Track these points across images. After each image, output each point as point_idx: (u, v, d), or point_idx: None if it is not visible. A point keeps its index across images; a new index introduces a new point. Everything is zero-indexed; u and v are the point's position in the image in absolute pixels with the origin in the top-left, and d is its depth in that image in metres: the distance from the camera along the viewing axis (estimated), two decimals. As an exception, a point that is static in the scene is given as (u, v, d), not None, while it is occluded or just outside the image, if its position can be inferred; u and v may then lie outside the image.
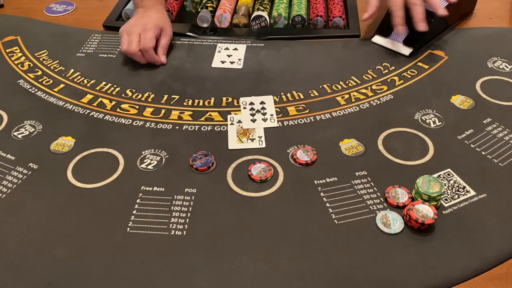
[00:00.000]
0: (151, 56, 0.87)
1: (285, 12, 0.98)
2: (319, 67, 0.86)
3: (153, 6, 0.92)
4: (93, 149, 0.70)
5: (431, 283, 0.52)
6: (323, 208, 0.60)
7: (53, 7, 1.07)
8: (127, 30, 0.88)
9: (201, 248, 0.56)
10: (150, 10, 0.91)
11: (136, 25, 0.88)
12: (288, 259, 0.55)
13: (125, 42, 0.86)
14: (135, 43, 0.85)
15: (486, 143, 0.69)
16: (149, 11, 0.90)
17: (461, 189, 0.62)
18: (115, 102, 0.79)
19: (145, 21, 0.88)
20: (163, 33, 0.89)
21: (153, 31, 0.87)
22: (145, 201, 0.62)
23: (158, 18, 0.90)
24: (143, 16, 0.89)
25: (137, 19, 0.90)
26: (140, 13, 0.90)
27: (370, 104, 0.77)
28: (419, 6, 0.83)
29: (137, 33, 0.86)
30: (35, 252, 0.56)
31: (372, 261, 0.54)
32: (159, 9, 0.93)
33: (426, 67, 0.85)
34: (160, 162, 0.67)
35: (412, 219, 0.56)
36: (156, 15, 0.90)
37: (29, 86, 0.83)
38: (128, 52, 0.86)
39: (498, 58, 0.86)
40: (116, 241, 0.57)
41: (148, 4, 0.92)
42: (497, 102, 0.77)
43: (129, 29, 0.88)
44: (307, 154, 0.67)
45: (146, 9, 0.91)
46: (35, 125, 0.75)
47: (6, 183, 0.65)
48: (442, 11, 0.83)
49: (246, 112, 0.76)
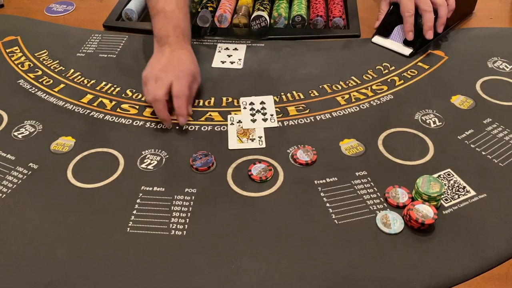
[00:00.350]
0: (183, 104, 0.72)
1: (285, 12, 0.98)
2: (319, 67, 0.86)
3: (182, 46, 0.78)
4: (93, 149, 0.70)
5: (431, 283, 0.52)
6: (323, 208, 0.60)
7: (53, 7, 1.07)
8: (154, 76, 0.73)
9: (201, 248, 0.56)
10: (179, 52, 0.77)
11: (165, 70, 0.74)
12: (288, 259, 0.55)
13: (154, 89, 0.72)
14: (165, 89, 0.71)
15: (486, 143, 0.69)
16: (178, 53, 0.77)
17: (461, 189, 0.62)
18: (115, 102, 0.79)
19: (176, 65, 0.75)
20: (194, 80, 0.77)
21: (187, 80, 0.74)
22: (145, 201, 0.62)
23: (190, 63, 0.77)
24: (171, 58, 0.76)
25: (165, 62, 0.75)
26: (167, 54, 0.76)
27: (370, 104, 0.77)
28: (430, 14, 0.84)
29: (168, 80, 0.72)
30: (35, 252, 0.56)
31: (372, 261, 0.54)
32: (189, 51, 0.79)
33: (426, 67, 0.85)
34: (160, 162, 0.68)
35: (412, 219, 0.56)
36: (187, 59, 0.77)
37: (29, 86, 0.83)
38: (155, 98, 0.71)
39: (498, 58, 0.86)
40: (116, 241, 0.57)
41: (175, 42, 0.77)
42: (497, 102, 0.77)
43: (156, 74, 0.73)
44: (307, 154, 0.67)
45: (174, 49, 0.77)
46: (35, 125, 0.75)
47: (6, 183, 0.65)
48: (430, 35, 0.85)
49: (246, 112, 0.76)
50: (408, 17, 0.86)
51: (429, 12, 0.84)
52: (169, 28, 0.77)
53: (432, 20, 0.85)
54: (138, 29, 0.98)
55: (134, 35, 0.96)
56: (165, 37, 0.77)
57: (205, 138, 0.72)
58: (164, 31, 0.77)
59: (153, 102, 0.72)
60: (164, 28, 0.78)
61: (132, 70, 0.87)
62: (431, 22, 0.85)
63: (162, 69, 0.74)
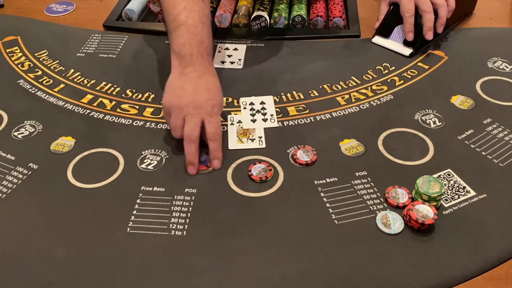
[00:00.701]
0: (219, 147, 0.66)
1: (285, 12, 0.98)
2: (319, 67, 0.86)
3: (208, 69, 0.70)
4: (93, 149, 0.70)
5: (431, 283, 0.52)
6: (323, 208, 0.60)
7: (53, 7, 1.07)
8: (181, 108, 0.65)
9: (201, 248, 0.56)
10: (207, 78, 0.69)
11: (196, 106, 0.65)
12: (288, 259, 0.55)
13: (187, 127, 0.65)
14: (199, 129, 0.65)
15: (486, 143, 0.69)
16: (205, 79, 0.69)
17: (461, 189, 0.62)
18: (115, 102, 0.79)
19: (206, 98, 0.67)
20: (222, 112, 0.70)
21: (219, 117, 0.67)
22: (145, 201, 0.62)
23: (218, 93, 0.69)
24: (199, 87, 0.67)
25: (192, 91, 0.67)
26: (194, 80, 0.68)
27: (370, 104, 0.77)
28: (430, 14, 0.85)
29: (200, 118, 0.65)
30: (35, 252, 0.56)
31: (372, 261, 0.54)
32: (215, 76, 0.71)
33: (426, 67, 0.85)
34: (160, 162, 0.67)
35: (412, 220, 0.56)
36: (215, 88, 0.70)
37: (29, 86, 0.83)
38: (190, 139, 0.65)
39: (498, 58, 0.86)
40: (116, 241, 0.57)
41: (199, 63, 0.69)
42: (497, 102, 0.77)
43: (185, 108, 0.65)
44: (307, 154, 0.67)
45: (200, 73, 0.68)
46: (35, 125, 0.75)
47: (6, 183, 0.65)
48: (429, 36, 0.85)
49: (246, 112, 0.76)
50: (408, 18, 0.86)
51: (429, 13, 0.84)
52: (192, 46, 0.69)
53: (432, 21, 0.85)
54: (138, 29, 0.98)
55: (134, 35, 0.96)
56: (189, 56, 0.68)
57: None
58: (188, 49, 0.68)
59: (187, 143, 0.65)
60: (187, 45, 0.69)
61: (132, 70, 0.87)
62: (431, 22, 0.85)
63: (193, 104, 0.66)
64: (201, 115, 0.65)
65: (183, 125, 0.65)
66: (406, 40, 0.88)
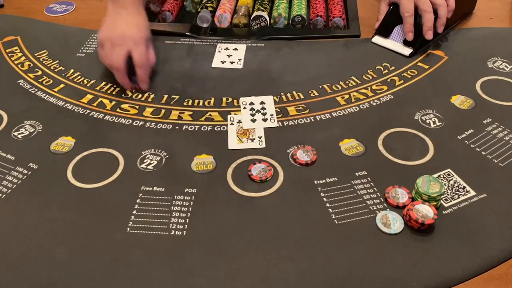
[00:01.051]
0: (145, 73, 0.79)
1: (285, 12, 0.98)
2: (319, 67, 0.86)
3: (138, 10, 0.81)
4: (93, 149, 0.70)
5: (431, 283, 0.52)
6: (323, 208, 0.60)
7: (53, 7, 1.08)
8: (111, 40, 0.77)
9: (201, 248, 0.56)
10: (136, 17, 0.80)
11: (123, 37, 0.77)
12: (288, 259, 0.55)
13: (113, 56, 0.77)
14: (124, 57, 0.77)
15: (486, 143, 0.69)
16: (135, 18, 0.80)
17: (461, 189, 0.62)
18: (115, 102, 0.79)
19: (134, 32, 0.78)
20: (149, 46, 0.81)
21: (145, 48, 0.78)
22: (145, 201, 0.62)
23: (146, 29, 0.80)
24: (129, 24, 0.78)
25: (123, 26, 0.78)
26: (124, 18, 0.79)
27: (370, 104, 0.77)
28: (430, 14, 0.85)
29: (127, 48, 0.77)
30: (35, 252, 0.56)
31: (372, 261, 0.54)
32: (144, 16, 0.82)
33: (426, 67, 0.85)
34: (160, 162, 0.68)
35: (412, 219, 0.56)
36: (144, 25, 0.81)
37: (29, 86, 0.83)
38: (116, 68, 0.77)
39: (498, 58, 0.86)
40: (116, 241, 0.57)
41: (131, 5, 0.80)
42: (497, 102, 0.77)
43: (115, 39, 0.77)
44: (307, 154, 0.68)
45: (131, 13, 0.80)
46: (35, 125, 0.75)
47: (6, 183, 0.65)
48: (429, 36, 0.86)
49: (246, 112, 0.76)
50: (407, 18, 0.86)
51: (428, 13, 0.85)
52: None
53: (432, 20, 0.85)
54: (138, 29, 0.98)
55: (134, 35, 0.96)
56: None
57: (205, 138, 0.72)
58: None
59: (114, 71, 0.78)
60: None
61: (132, 70, 0.87)
62: (431, 22, 0.85)
63: (120, 35, 0.77)
64: (128, 46, 0.76)
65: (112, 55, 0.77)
66: (406, 40, 0.88)
